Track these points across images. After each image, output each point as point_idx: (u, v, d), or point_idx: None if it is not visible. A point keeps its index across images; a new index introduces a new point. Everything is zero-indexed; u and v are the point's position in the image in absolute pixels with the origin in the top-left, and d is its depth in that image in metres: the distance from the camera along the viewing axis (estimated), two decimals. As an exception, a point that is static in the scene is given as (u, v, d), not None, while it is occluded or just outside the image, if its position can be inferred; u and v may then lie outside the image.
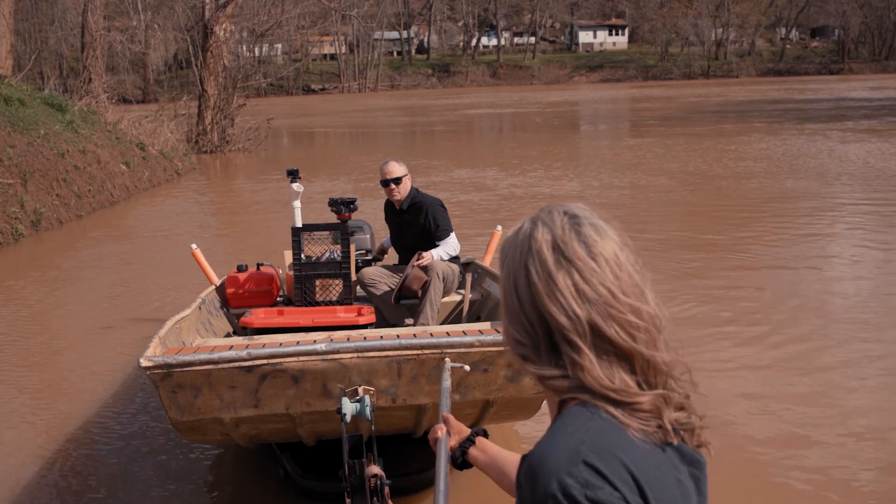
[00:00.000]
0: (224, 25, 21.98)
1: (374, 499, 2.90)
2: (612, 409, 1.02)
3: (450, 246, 4.90)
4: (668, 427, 1.02)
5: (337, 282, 4.61)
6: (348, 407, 2.96)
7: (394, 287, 4.82)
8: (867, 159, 15.18)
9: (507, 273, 1.10)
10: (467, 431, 1.59)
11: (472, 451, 1.56)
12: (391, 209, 5.11)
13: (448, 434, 1.58)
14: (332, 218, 4.74)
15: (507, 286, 1.10)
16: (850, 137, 19.36)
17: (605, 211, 1.11)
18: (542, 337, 1.06)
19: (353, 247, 4.87)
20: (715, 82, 66.75)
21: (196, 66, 22.63)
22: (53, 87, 18.99)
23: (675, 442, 1.03)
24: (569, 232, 1.06)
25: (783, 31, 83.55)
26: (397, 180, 4.89)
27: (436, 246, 4.87)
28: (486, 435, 1.60)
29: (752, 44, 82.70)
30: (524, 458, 1.03)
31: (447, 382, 2.08)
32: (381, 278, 4.88)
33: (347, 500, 2.94)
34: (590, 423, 1.00)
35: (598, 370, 1.02)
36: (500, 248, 1.13)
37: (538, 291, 1.05)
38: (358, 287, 4.97)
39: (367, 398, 2.99)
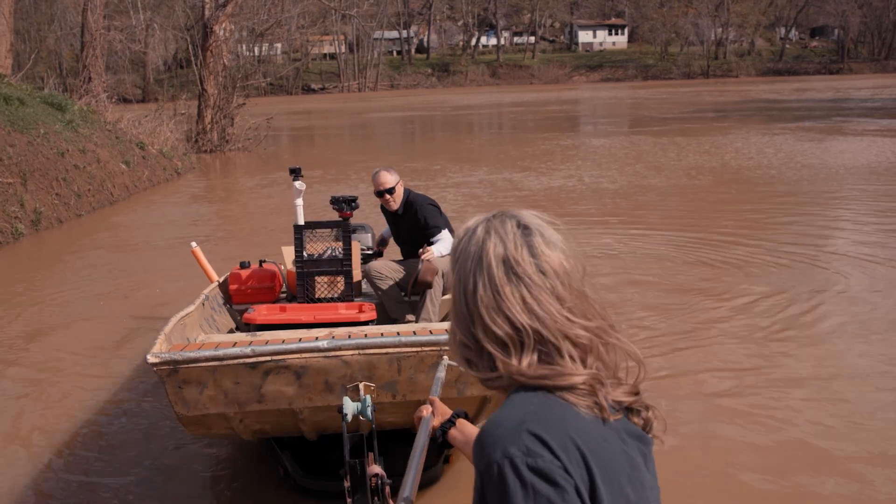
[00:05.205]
0: (224, 25, 21.97)
1: (375, 498, 2.90)
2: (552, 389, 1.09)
3: (446, 243, 4.92)
4: (604, 403, 1.09)
5: (338, 279, 4.62)
6: (349, 406, 2.98)
7: (399, 281, 4.85)
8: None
9: (459, 280, 1.15)
10: (450, 413, 1.69)
11: (452, 431, 1.66)
12: (387, 211, 5.18)
13: (432, 415, 1.68)
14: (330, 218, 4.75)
15: (458, 293, 1.15)
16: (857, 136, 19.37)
17: (560, 211, 1.13)
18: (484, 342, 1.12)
19: (357, 243, 4.88)
20: (715, 81, 66.77)
21: (196, 65, 22.61)
22: (53, 86, 18.96)
23: (612, 419, 1.10)
24: (520, 247, 1.12)
25: (783, 30, 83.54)
26: (391, 190, 4.95)
27: (433, 242, 4.90)
28: (467, 417, 1.70)
29: (751, 43, 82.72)
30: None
31: (442, 373, 2.20)
32: (388, 272, 4.88)
33: (348, 500, 2.94)
34: (534, 398, 1.08)
35: (525, 366, 1.09)
36: (453, 250, 1.17)
37: (486, 303, 1.11)
38: (364, 281, 4.98)
39: (369, 398, 3.00)
